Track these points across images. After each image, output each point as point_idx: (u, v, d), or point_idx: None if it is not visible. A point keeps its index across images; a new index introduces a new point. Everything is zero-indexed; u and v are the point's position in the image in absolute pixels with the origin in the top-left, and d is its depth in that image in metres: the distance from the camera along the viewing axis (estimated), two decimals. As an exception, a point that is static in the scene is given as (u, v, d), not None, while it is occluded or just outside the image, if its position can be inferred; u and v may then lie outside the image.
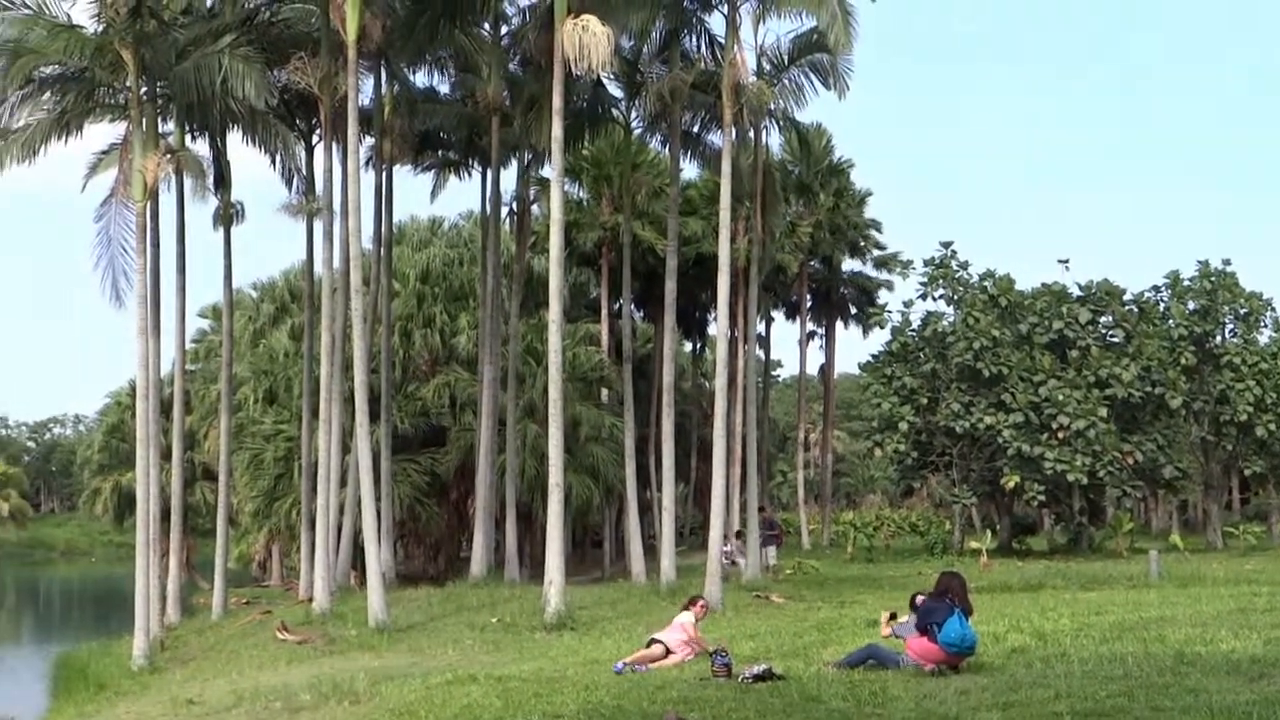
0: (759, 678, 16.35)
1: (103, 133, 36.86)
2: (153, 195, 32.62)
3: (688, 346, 71.15)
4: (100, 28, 32.25)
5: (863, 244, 66.76)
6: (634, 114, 42.98)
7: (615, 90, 42.28)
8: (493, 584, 38.41)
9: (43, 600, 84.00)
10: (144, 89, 32.77)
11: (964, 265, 54.78)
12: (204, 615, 40.24)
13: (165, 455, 39.81)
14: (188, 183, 37.39)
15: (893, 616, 17.75)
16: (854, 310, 68.80)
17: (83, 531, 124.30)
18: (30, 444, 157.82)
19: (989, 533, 51.65)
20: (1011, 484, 51.47)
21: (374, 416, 38.63)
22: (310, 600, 35.96)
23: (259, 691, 20.43)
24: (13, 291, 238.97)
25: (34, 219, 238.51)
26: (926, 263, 55.09)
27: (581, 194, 56.55)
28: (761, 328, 62.48)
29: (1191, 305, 55.60)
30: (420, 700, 17.37)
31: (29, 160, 33.39)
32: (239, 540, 61.01)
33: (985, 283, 54.52)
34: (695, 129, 42.83)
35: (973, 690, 14.51)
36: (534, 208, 48.43)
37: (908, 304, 55.54)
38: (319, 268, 39.67)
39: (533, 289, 52.25)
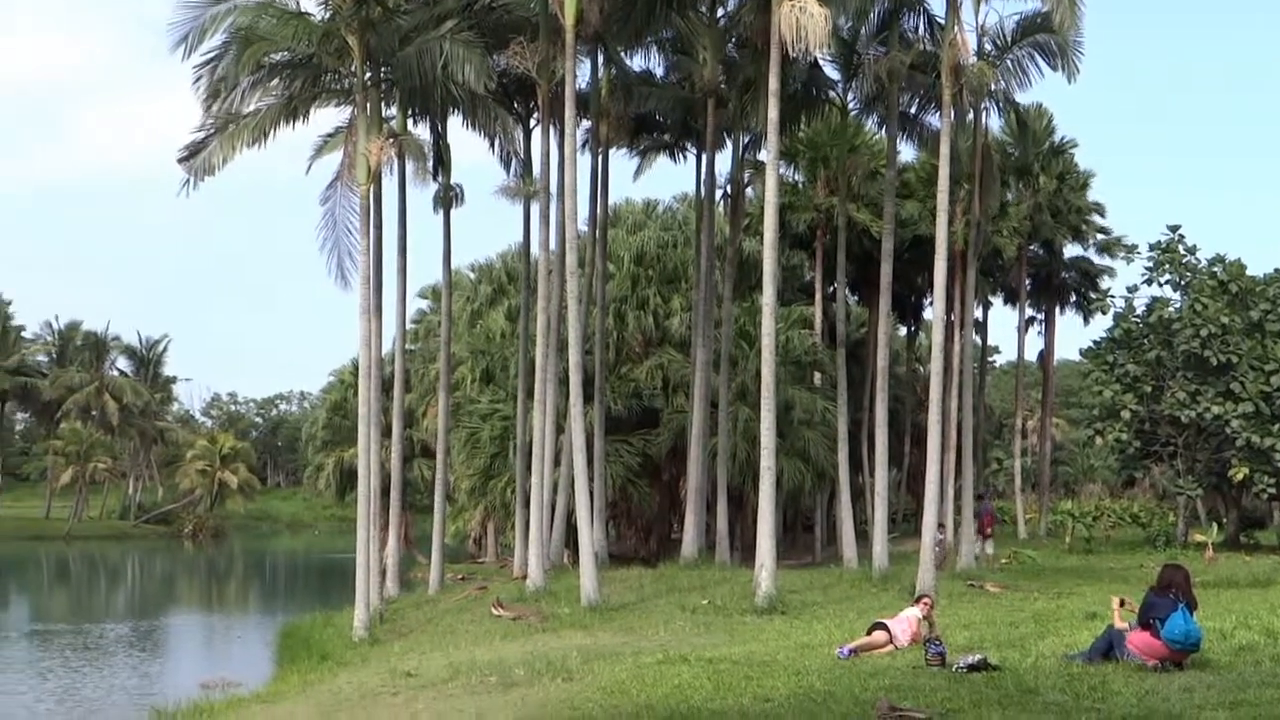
0: (974, 668, 16.10)
1: (328, 117, 37.79)
2: (376, 178, 33.32)
3: (902, 331, 70.31)
4: (327, 15, 33.04)
5: (1085, 228, 65.05)
6: (850, 95, 42.57)
7: (832, 72, 41.97)
8: (703, 566, 38.48)
9: (268, 571, 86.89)
10: (368, 74, 33.51)
11: (1192, 250, 53.21)
12: (421, 589, 41.13)
13: (385, 432, 40.73)
14: (409, 166, 38.15)
15: (1122, 604, 17.16)
16: (1075, 296, 67.19)
17: (306, 505, 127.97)
18: (258, 420, 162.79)
19: (1214, 526, 50.02)
20: (1240, 476, 49.78)
21: (588, 397, 39.00)
22: (524, 577, 36.48)
23: (474, 666, 20.76)
24: (242, 271, 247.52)
25: (262, 200, 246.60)
26: (1152, 247, 53.62)
27: (797, 176, 56.23)
28: (978, 312, 61.37)
29: None
30: (632, 679, 17.46)
31: (259, 144, 34.32)
32: (455, 517, 62.22)
33: (1214, 268, 52.80)
34: (913, 110, 42.32)
35: (1197, 688, 14.04)
36: (748, 190, 48.31)
37: (1132, 289, 54.29)
38: (535, 250, 40.15)
39: (746, 272, 52.13)
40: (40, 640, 40.96)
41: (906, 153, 47.97)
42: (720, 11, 40.96)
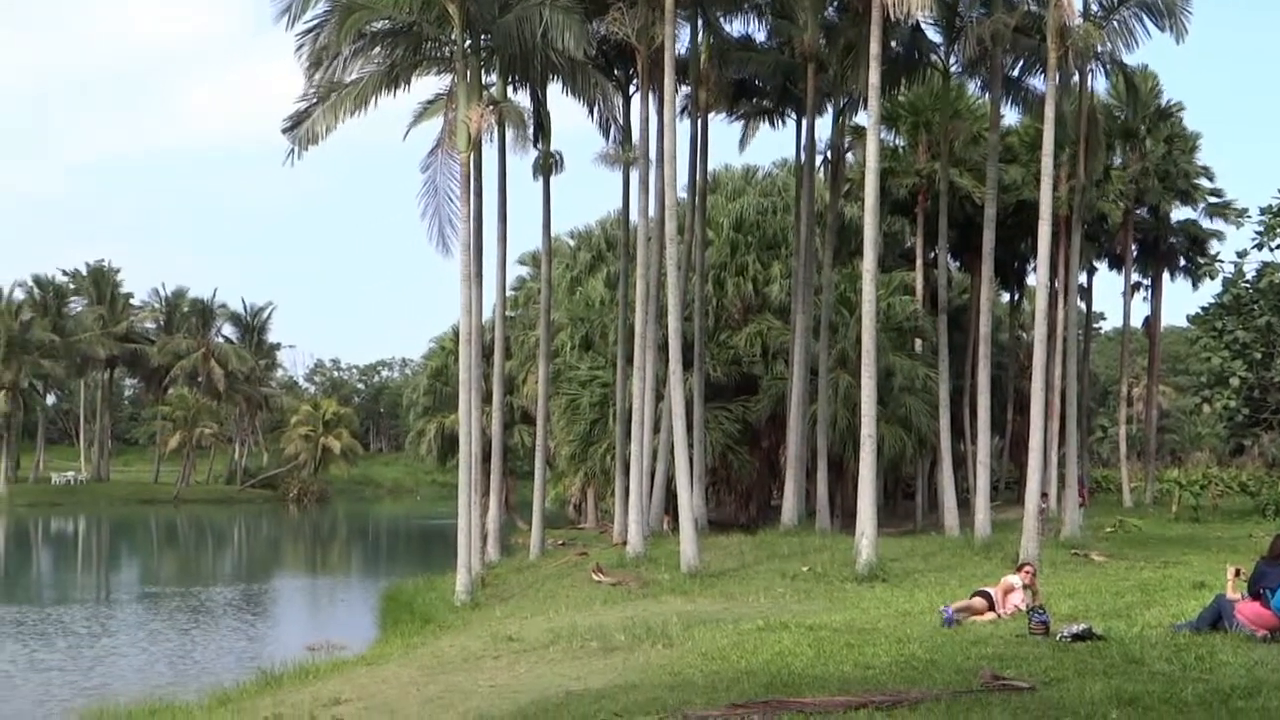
0: (1078, 637, 15.91)
1: (428, 85, 37.91)
2: (476, 146, 33.46)
3: (1005, 297, 69.51)
4: (427, -18, 33.14)
5: (1193, 191, 63.77)
6: (952, 58, 42.02)
7: (934, 34, 41.40)
8: (803, 533, 38.42)
9: (371, 535, 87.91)
10: (468, 42, 33.63)
11: (1307, 213, 52.00)
12: (522, 554, 41.42)
13: (486, 399, 41.00)
14: (509, 133, 38.25)
15: (1238, 573, 16.79)
16: (1182, 260, 65.93)
17: (408, 470, 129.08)
18: (360, 386, 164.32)
19: (1327, 495, 49.03)
20: (1352, 444, 48.76)
21: (687, 364, 39.00)
22: (624, 543, 36.63)
23: (575, 631, 20.88)
24: (345, 238, 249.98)
25: (366, 168, 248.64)
26: (1263, 211, 52.51)
27: (897, 141, 55.76)
28: (1083, 278, 60.45)
29: None
30: (732, 646, 17.47)
31: (360, 112, 34.58)
32: (555, 482, 62.58)
33: (1328, 232, 51.60)
34: (1016, 73, 41.71)
35: (1310, 660, 13.78)
36: (849, 155, 47.98)
37: (1242, 254, 53.22)
38: (635, 216, 40.14)
39: (846, 237, 51.84)
40: (151, 603, 41.78)
41: (1010, 116, 47.42)
42: (821, -26, 40.58)
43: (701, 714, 12.37)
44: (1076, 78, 40.66)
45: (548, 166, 40.57)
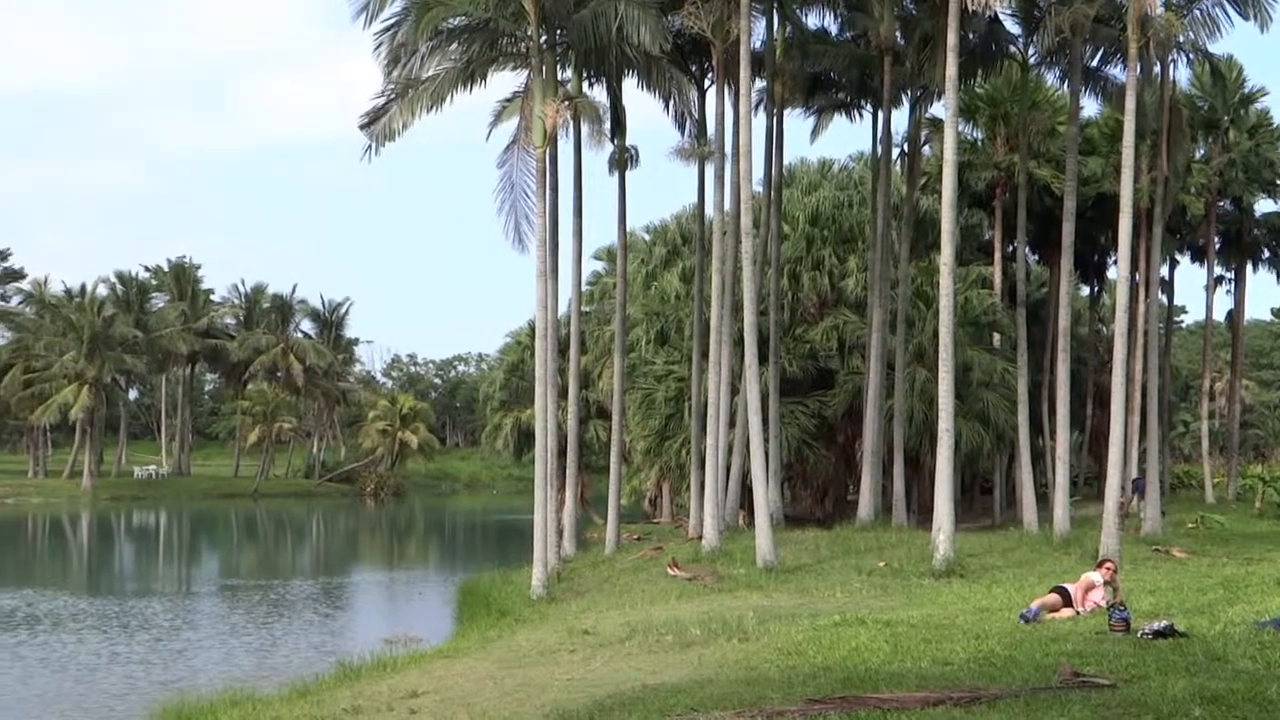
0: (1159, 634, 15.72)
1: (505, 81, 38.05)
2: (552, 141, 33.50)
3: (1084, 290, 68.82)
4: (503, -21, 33.25)
5: (1278, 183, 62.77)
6: (1031, 49, 41.62)
7: (1012, 25, 41.05)
8: (880, 528, 38.23)
9: (447, 529, 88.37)
10: (544, 37, 33.69)
11: (1395, 204, 51.09)
12: (597, 549, 41.47)
13: (562, 393, 41.15)
14: (584, 128, 38.28)
15: None
16: (1266, 254, 64.94)
17: (485, 465, 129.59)
18: (437, 381, 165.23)
19: None
20: None
21: (763, 358, 38.90)
22: (699, 538, 36.60)
23: (651, 625, 20.89)
24: (421, 234, 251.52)
25: (442, 164, 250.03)
26: (1350, 202, 51.57)
27: (975, 133, 55.28)
28: (1164, 271, 59.72)
29: None
30: (808, 641, 17.42)
31: (437, 109, 34.71)
32: (631, 477, 62.58)
33: None
34: (1095, 63, 41.26)
35: (1396, 657, 13.53)
36: (925, 148, 47.63)
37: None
38: (710, 211, 40.10)
39: (923, 231, 51.53)
40: (231, 596, 42.24)
41: (1089, 108, 46.87)
42: (897, -34, 40.34)
43: (778, 709, 12.33)
44: (1157, 67, 40.17)
45: (623, 161, 40.59)
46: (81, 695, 24.21)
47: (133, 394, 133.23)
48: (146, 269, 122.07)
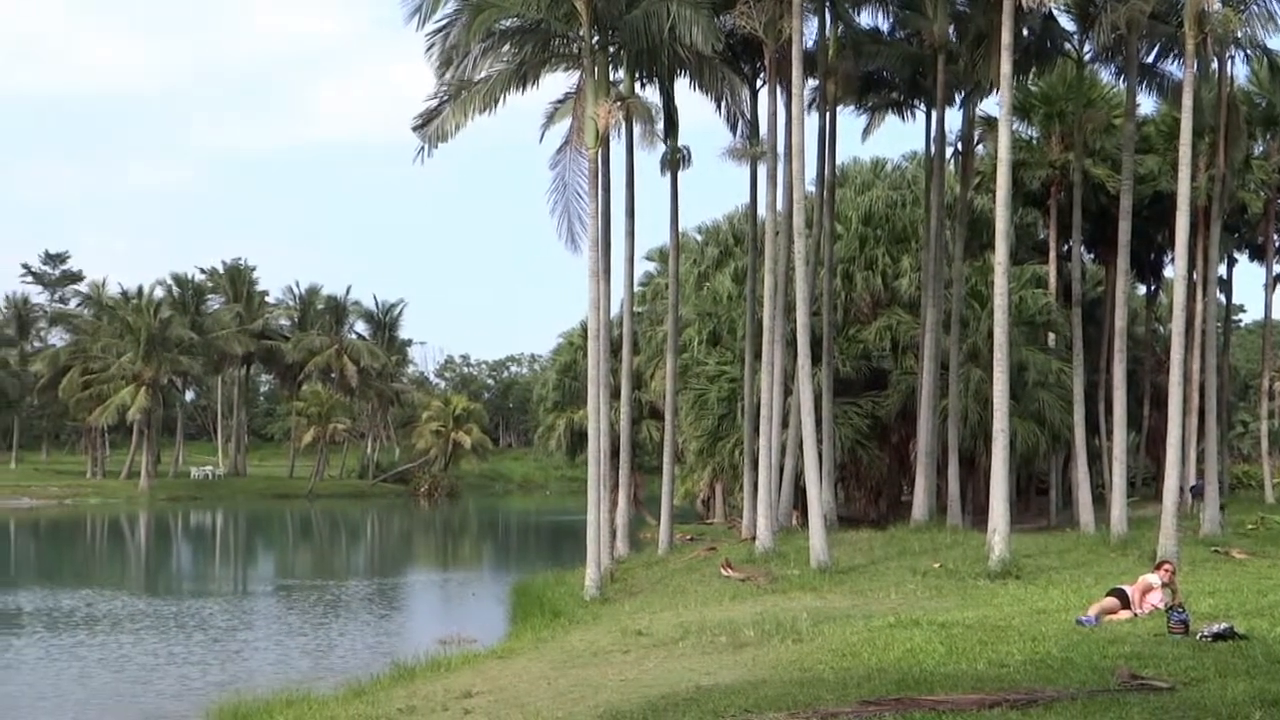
0: (1219, 636, 15.57)
1: (557, 83, 38.08)
2: (604, 142, 33.51)
3: (1141, 290, 68.24)
4: (555, -20, 33.28)
5: (1339, 179, 62.05)
6: (1086, 46, 41.28)
7: (1066, 22, 40.71)
8: (934, 529, 38.04)
9: (501, 530, 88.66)
10: (596, 38, 33.70)
11: None
12: (650, 549, 41.49)
13: (614, 394, 41.14)
14: (637, 129, 38.29)
15: None
16: (1327, 251, 64.19)
17: (538, 465, 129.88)
18: (490, 382, 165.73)
19: None
20: None
21: (815, 359, 38.80)
22: (753, 539, 36.54)
23: (704, 626, 20.88)
24: (473, 235, 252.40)
25: (495, 165, 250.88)
26: None
27: (1030, 132, 54.90)
28: (1222, 270, 59.19)
29: None
30: (863, 642, 17.35)
31: (489, 110, 34.80)
32: (684, 478, 62.56)
33: None
34: (1151, 60, 40.89)
35: None
36: (979, 147, 47.37)
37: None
38: (762, 211, 40.03)
39: (977, 230, 51.23)
40: (286, 596, 42.50)
41: (1145, 105, 46.50)
42: (950, -36, 40.13)
43: (833, 710, 12.28)
44: (1215, 64, 39.77)
45: (675, 162, 40.57)
46: (138, 695, 24.43)
47: (189, 395, 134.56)
48: (202, 271, 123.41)
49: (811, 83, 41.48)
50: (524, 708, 15.28)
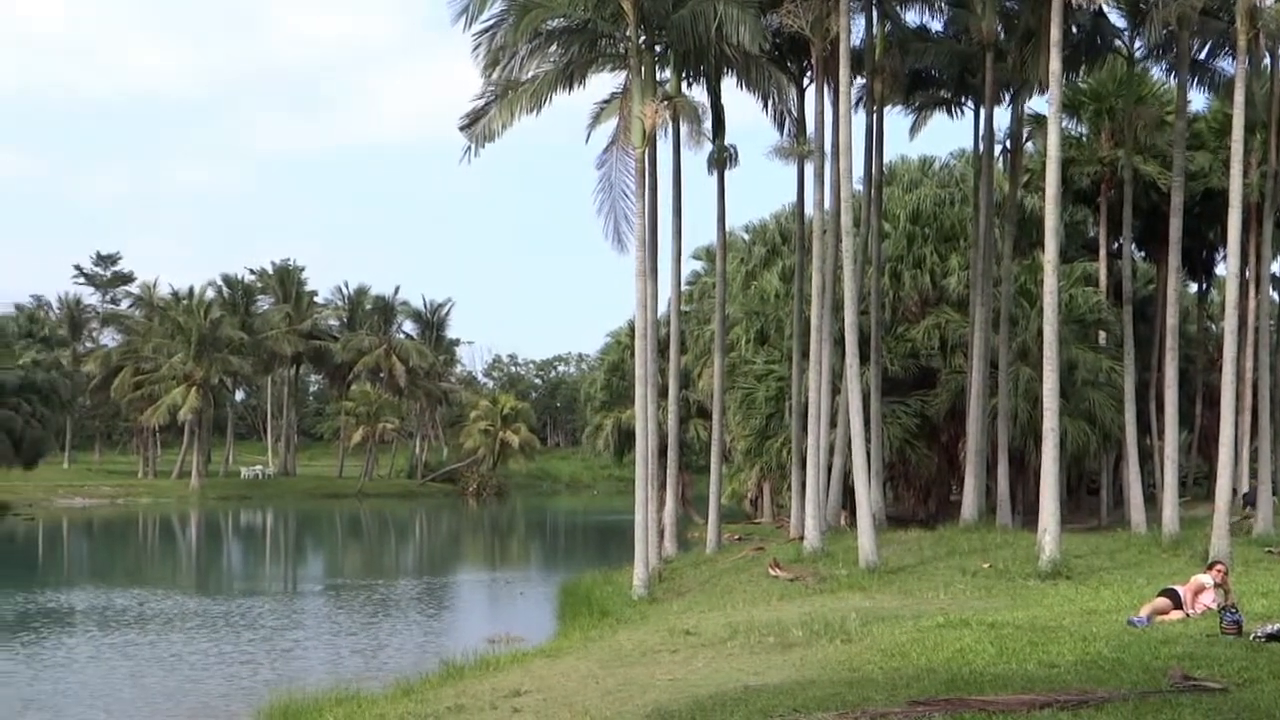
0: (1273, 637, 15.45)
1: (604, 83, 38.14)
2: (650, 141, 33.54)
3: (1192, 288, 67.70)
4: (602, -20, 33.32)
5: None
6: (1136, 43, 40.98)
7: (1116, 19, 40.41)
8: (984, 529, 37.84)
9: (548, 529, 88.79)
10: (642, 38, 33.73)
11: None
12: (698, 549, 41.46)
13: (662, 393, 41.14)
14: (683, 128, 38.28)
15: None
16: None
17: (585, 465, 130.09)
18: (537, 381, 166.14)
19: None
20: None
21: (864, 357, 38.68)
22: (801, 538, 36.46)
23: (753, 625, 20.84)
24: (521, 234, 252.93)
25: (542, 165, 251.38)
26: None
27: (1079, 129, 54.57)
28: (1275, 267, 58.62)
29: None
30: (912, 642, 17.27)
31: (536, 110, 34.91)
32: (731, 477, 62.50)
33: None
34: (1203, 56, 40.56)
35: None
36: (1028, 145, 47.10)
37: None
38: (809, 209, 39.93)
39: (1026, 228, 50.94)
40: (336, 595, 42.72)
41: (1196, 101, 46.17)
42: (999, -39, 39.90)
43: (882, 711, 12.24)
44: (1267, 59, 39.43)
45: (722, 161, 40.54)
46: (189, 693, 24.62)
47: (239, 395, 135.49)
48: (251, 271, 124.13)
49: (859, 81, 41.36)
50: (572, 706, 15.29)
